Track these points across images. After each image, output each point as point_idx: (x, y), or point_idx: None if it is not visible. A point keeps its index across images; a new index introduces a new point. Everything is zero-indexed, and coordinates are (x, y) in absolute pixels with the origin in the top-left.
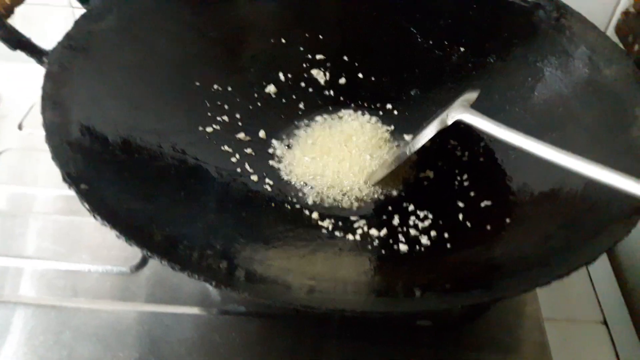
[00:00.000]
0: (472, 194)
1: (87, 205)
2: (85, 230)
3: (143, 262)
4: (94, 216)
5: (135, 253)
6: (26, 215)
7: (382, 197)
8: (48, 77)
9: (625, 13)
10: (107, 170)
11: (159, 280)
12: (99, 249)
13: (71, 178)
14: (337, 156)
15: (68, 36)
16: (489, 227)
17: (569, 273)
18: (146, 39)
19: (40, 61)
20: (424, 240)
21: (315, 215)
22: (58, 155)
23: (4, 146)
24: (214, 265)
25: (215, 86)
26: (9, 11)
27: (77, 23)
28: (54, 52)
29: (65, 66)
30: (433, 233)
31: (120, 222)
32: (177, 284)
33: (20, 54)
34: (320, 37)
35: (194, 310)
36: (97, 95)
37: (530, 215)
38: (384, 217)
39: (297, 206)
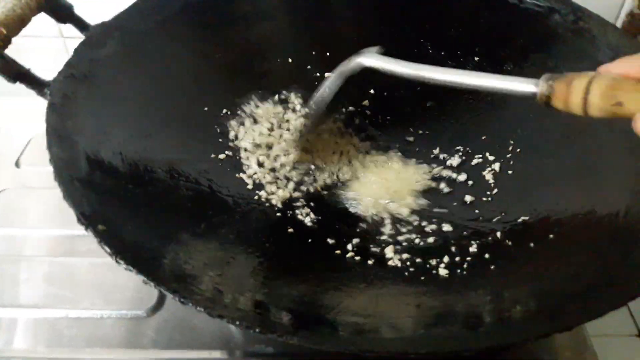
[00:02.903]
0: (505, 210)
1: (107, 249)
2: (94, 273)
3: (159, 304)
4: (117, 260)
5: (150, 294)
6: (29, 259)
7: (405, 217)
8: (51, 109)
9: (631, 14)
10: (123, 207)
11: (177, 323)
12: (111, 292)
13: (86, 219)
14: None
15: (69, 65)
16: (532, 245)
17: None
18: (150, 64)
19: (41, 93)
20: (463, 263)
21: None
22: (70, 195)
23: (2, 186)
24: (249, 309)
25: (224, 110)
26: (6, 42)
27: (78, 51)
28: (55, 83)
29: (68, 97)
30: (469, 257)
31: (145, 266)
32: (198, 326)
33: (12, 88)
34: (328, 54)
35: (218, 354)
36: (104, 125)
37: (576, 231)
38: (415, 241)
39: (317, 233)
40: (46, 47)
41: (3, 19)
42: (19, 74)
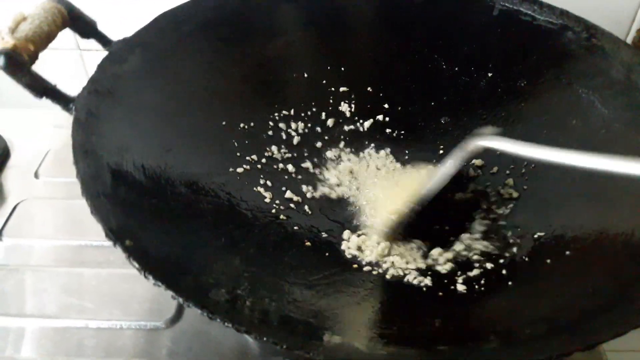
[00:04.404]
0: (520, 225)
1: (135, 264)
2: (112, 284)
3: (178, 315)
4: (145, 276)
5: (168, 306)
6: (49, 270)
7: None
8: (77, 124)
9: None
10: (147, 222)
11: (195, 334)
12: (129, 304)
13: (114, 234)
14: (370, 193)
15: (93, 80)
16: (549, 261)
17: None
18: (170, 80)
19: (66, 108)
20: (480, 279)
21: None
22: (97, 210)
23: (21, 197)
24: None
25: (242, 124)
26: (34, 58)
27: (101, 66)
28: (80, 99)
29: (92, 112)
30: (486, 273)
31: (172, 281)
32: (215, 337)
33: (28, 101)
34: (342, 69)
35: None
36: (127, 140)
37: (592, 248)
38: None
39: (337, 249)
40: (63, 57)
41: (31, 35)
42: (46, 90)
